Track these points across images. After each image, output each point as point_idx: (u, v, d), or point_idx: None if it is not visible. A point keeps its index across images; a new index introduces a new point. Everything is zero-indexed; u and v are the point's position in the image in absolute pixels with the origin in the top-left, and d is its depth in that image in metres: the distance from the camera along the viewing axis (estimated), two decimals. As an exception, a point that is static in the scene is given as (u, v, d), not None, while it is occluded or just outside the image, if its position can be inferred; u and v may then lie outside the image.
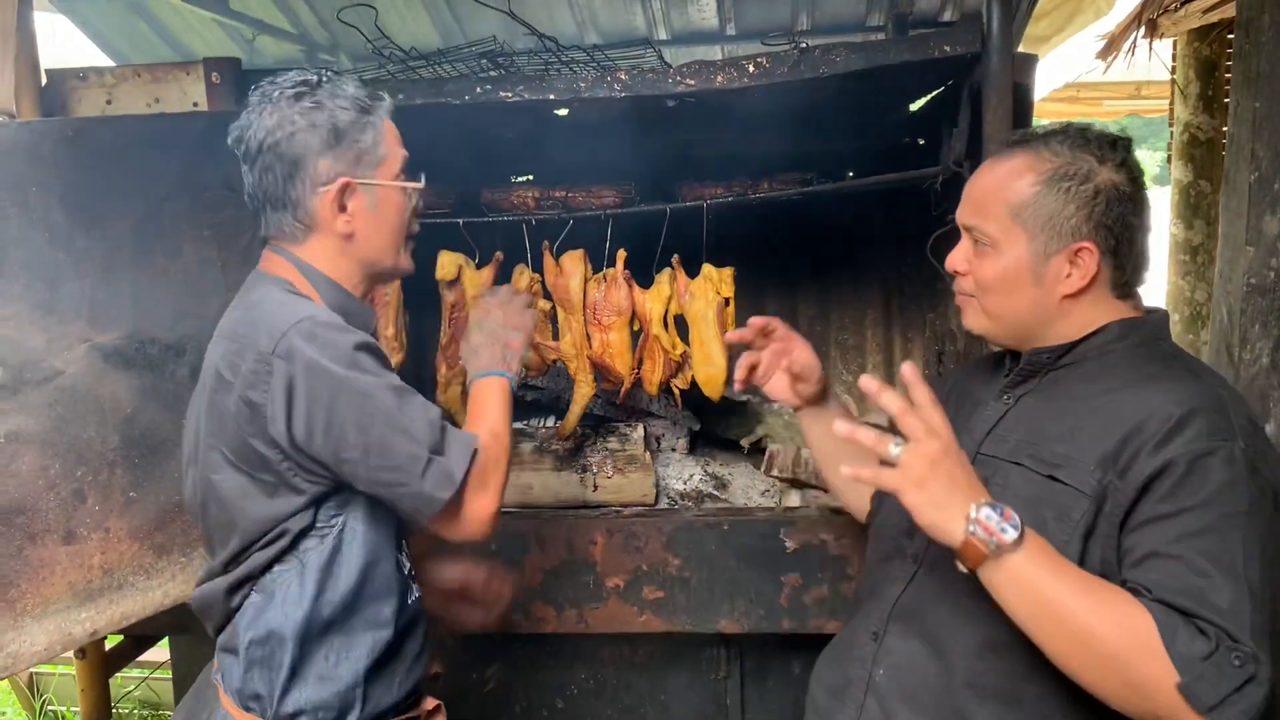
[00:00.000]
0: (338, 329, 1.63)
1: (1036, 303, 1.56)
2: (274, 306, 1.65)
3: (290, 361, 1.58)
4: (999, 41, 2.24)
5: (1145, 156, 29.67)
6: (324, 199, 1.71)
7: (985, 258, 1.57)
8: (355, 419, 1.59)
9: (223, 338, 1.70)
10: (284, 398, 1.58)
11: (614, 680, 2.92)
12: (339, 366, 1.59)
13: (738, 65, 2.36)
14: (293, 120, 1.68)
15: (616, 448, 2.88)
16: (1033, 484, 1.50)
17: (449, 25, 4.00)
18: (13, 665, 2.07)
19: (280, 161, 1.69)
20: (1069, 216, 1.51)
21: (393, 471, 1.62)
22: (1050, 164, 1.53)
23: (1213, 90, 5.27)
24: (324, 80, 1.73)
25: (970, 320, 1.65)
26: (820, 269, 3.66)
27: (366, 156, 1.73)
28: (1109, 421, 1.46)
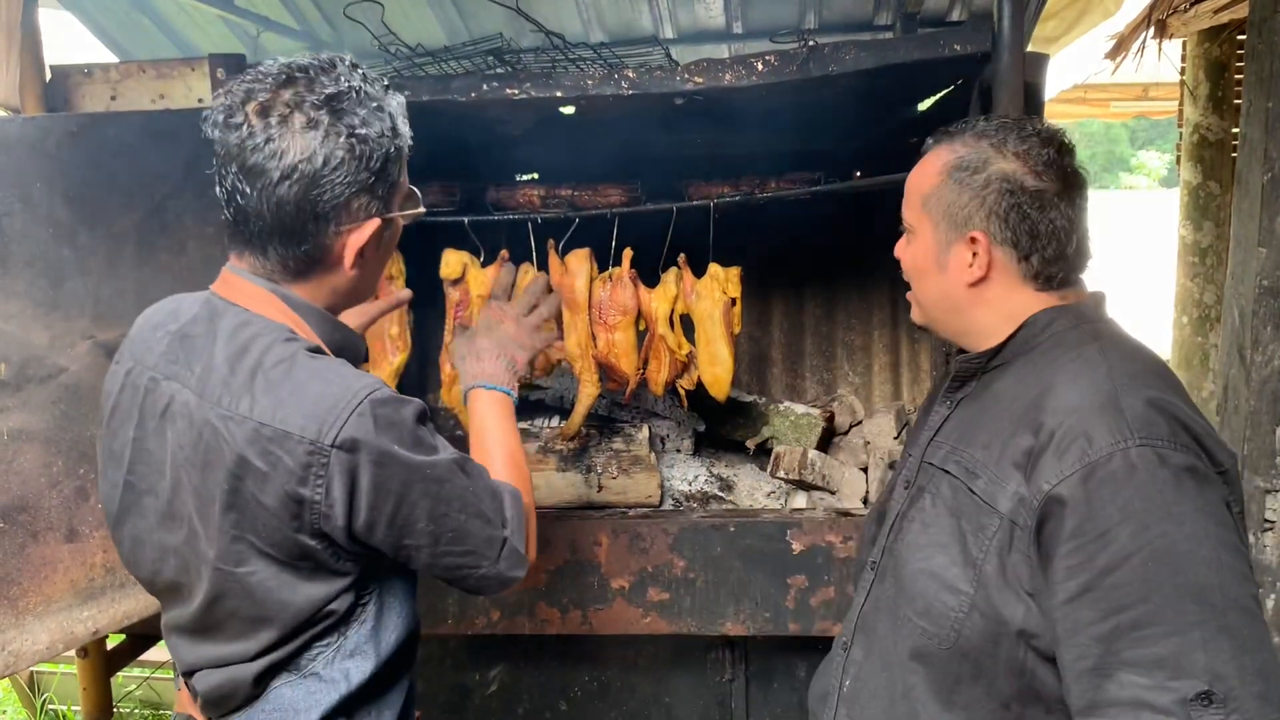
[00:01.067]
0: (395, 402, 1.44)
1: (945, 291, 1.57)
2: (318, 382, 1.42)
3: (353, 454, 1.39)
4: (1010, 40, 2.22)
5: (1153, 158, 29.70)
6: (347, 238, 1.48)
7: (909, 245, 1.63)
8: (429, 509, 1.46)
9: (234, 419, 1.41)
10: (345, 493, 1.40)
11: (618, 682, 2.90)
12: (407, 451, 1.43)
13: (746, 63, 2.35)
14: (336, 145, 1.41)
15: (621, 448, 2.86)
16: (958, 495, 1.49)
17: (454, 23, 3.98)
18: (15, 664, 2.06)
19: (307, 194, 1.42)
20: (962, 205, 1.52)
21: (465, 556, 1.53)
22: (954, 155, 1.54)
23: (1222, 91, 5.24)
24: (357, 83, 1.46)
25: (913, 313, 1.69)
26: (827, 269, 3.64)
27: (396, 190, 1.53)
28: (1020, 425, 1.42)
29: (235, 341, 1.45)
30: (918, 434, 1.73)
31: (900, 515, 1.62)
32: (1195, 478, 1.28)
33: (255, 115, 1.40)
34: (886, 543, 1.63)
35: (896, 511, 1.63)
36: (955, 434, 1.58)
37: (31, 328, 2.05)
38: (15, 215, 2.02)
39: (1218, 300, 5.25)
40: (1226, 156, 5.24)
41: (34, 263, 2.05)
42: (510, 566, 1.57)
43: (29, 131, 2.05)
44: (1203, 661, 1.20)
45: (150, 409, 1.50)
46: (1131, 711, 1.23)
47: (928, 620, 1.45)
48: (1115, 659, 1.25)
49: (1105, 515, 1.27)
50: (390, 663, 1.58)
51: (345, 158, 1.41)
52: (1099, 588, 1.26)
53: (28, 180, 2.03)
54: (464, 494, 1.50)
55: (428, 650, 2.95)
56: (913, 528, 1.56)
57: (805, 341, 3.73)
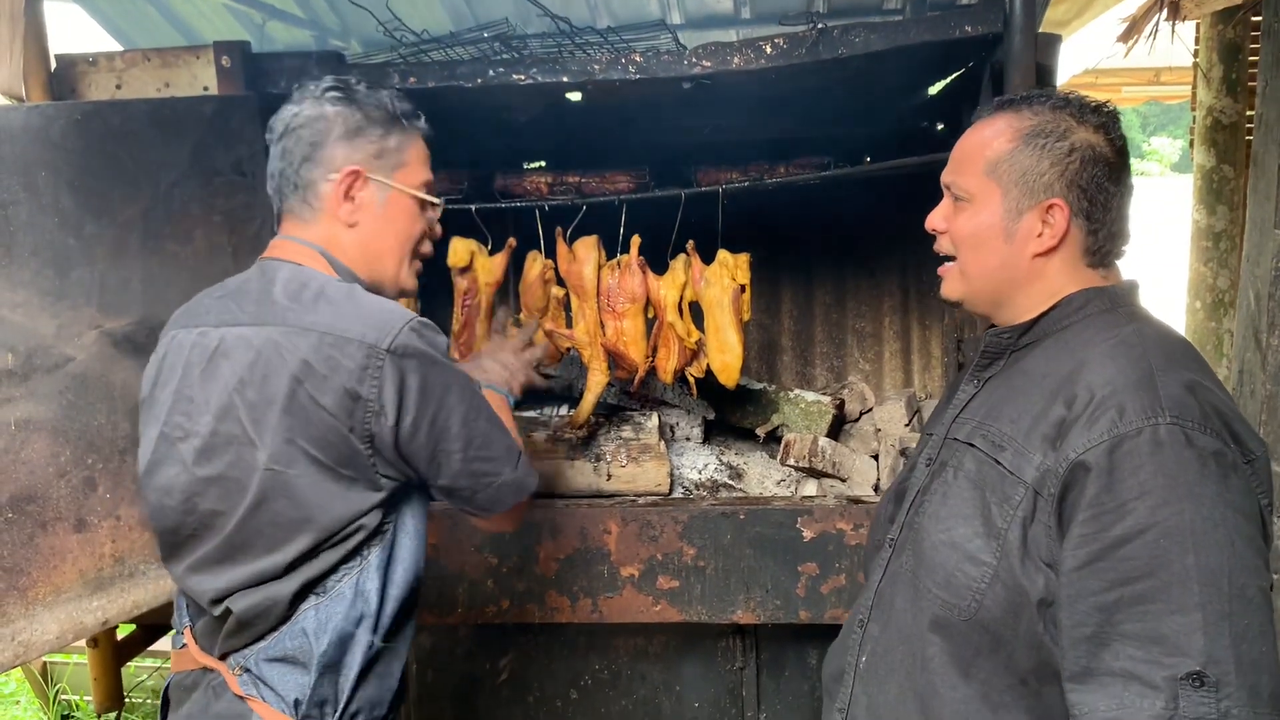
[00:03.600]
0: (435, 329, 1.68)
1: (1007, 262, 1.53)
2: (375, 303, 1.67)
3: (406, 358, 1.60)
4: (1022, 21, 2.20)
5: (1165, 143, 29.49)
6: (334, 184, 1.72)
7: (962, 213, 1.56)
8: (463, 413, 1.67)
9: (296, 331, 1.62)
10: (396, 392, 1.60)
11: (628, 670, 2.90)
12: (449, 363, 1.67)
13: (755, 46, 2.32)
14: (321, 108, 1.73)
15: (630, 436, 2.85)
16: (982, 468, 1.49)
17: (459, 9, 3.96)
18: (24, 654, 2.06)
19: (300, 144, 1.72)
20: (1042, 173, 1.49)
21: (489, 462, 1.73)
22: (1029, 122, 1.51)
23: (1236, 74, 5.18)
24: (365, 86, 1.78)
25: (947, 286, 1.63)
26: (837, 256, 3.62)
27: (387, 156, 1.76)
28: (1050, 399, 1.43)
29: (294, 282, 1.68)
30: (941, 412, 1.72)
31: (921, 490, 1.61)
32: (1220, 463, 1.28)
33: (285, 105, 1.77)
34: (906, 518, 1.62)
35: (917, 487, 1.62)
36: (982, 410, 1.57)
37: (38, 317, 2.04)
38: (20, 204, 2.01)
39: (1231, 285, 5.20)
40: (1240, 140, 5.18)
41: (40, 252, 2.04)
42: (526, 474, 1.79)
43: (33, 120, 2.04)
44: (1200, 644, 1.21)
45: (197, 358, 1.67)
46: (1121, 681, 1.24)
47: (948, 591, 1.45)
48: (1114, 629, 1.26)
49: (1125, 487, 1.28)
50: (412, 590, 1.75)
51: (329, 111, 1.72)
52: (1109, 558, 1.27)
53: (32, 169, 2.02)
54: (486, 407, 1.73)
55: (437, 639, 2.94)
56: (933, 500, 1.55)
57: (815, 328, 3.71)
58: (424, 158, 1.84)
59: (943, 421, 1.67)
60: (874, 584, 1.66)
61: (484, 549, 2.58)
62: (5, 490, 2.03)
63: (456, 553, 2.58)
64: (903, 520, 1.63)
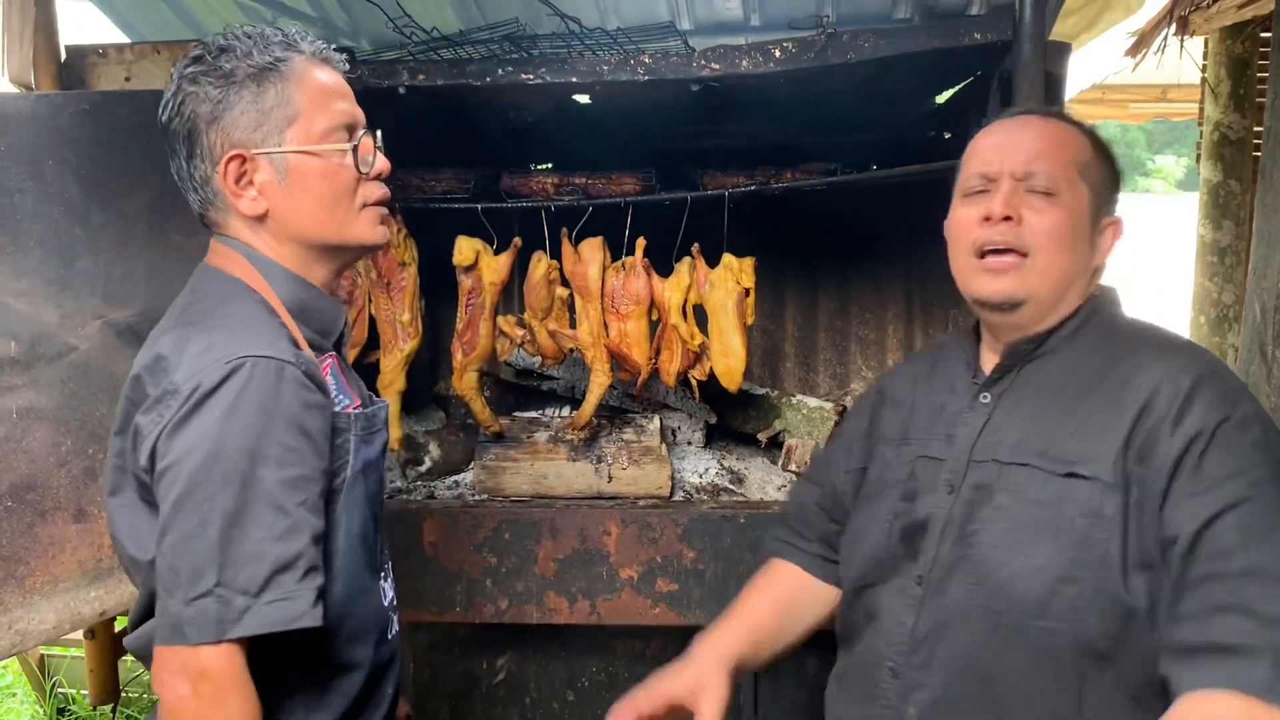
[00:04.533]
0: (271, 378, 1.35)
1: (1082, 267, 1.51)
2: (224, 335, 1.39)
3: (199, 402, 1.32)
4: (1031, 29, 2.20)
5: (1170, 161, 29.54)
6: (223, 176, 1.47)
7: (1053, 208, 1.47)
8: (180, 492, 1.30)
9: (148, 347, 1.46)
10: (166, 435, 1.33)
11: (625, 673, 2.89)
12: (247, 429, 1.32)
13: (763, 50, 2.33)
14: (183, 90, 1.47)
15: (632, 439, 2.85)
16: (1050, 485, 1.42)
17: (468, 9, 3.96)
18: (21, 643, 2.06)
19: (177, 139, 1.49)
20: (1112, 189, 1.53)
21: (171, 572, 1.30)
22: (1092, 138, 1.54)
23: (1244, 89, 5.19)
24: (236, 39, 1.49)
25: (1012, 284, 1.48)
26: (841, 262, 3.62)
27: (268, 120, 1.47)
28: (1113, 404, 1.42)
29: (189, 293, 1.52)
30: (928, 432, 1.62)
31: (961, 520, 1.50)
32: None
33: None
34: (940, 551, 1.50)
35: (944, 518, 1.52)
36: (1017, 426, 1.50)
37: (42, 306, 2.04)
38: (27, 193, 2.01)
39: (1236, 300, 5.20)
40: (1247, 155, 5.19)
41: (45, 241, 2.04)
42: (198, 623, 1.27)
43: (41, 108, 2.04)
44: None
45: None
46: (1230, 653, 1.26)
47: (1048, 618, 1.38)
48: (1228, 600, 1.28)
49: (1223, 464, 1.32)
50: (331, 636, 1.45)
51: (190, 92, 1.47)
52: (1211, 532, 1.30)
53: (40, 158, 2.03)
54: (225, 504, 1.29)
55: (434, 638, 2.94)
56: (992, 528, 1.46)
57: (818, 334, 3.71)
58: (321, 93, 1.51)
59: (953, 443, 1.57)
60: (899, 626, 1.53)
61: (482, 548, 2.57)
62: (5, 479, 2.03)
63: (455, 551, 2.58)
64: (934, 555, 1.51)
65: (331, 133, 1.51)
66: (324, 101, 1.50)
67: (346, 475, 1.48)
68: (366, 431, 1.53)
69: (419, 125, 2.90)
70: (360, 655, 1.51)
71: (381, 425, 1.59)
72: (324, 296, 1.58)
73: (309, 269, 1.55)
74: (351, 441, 1.49)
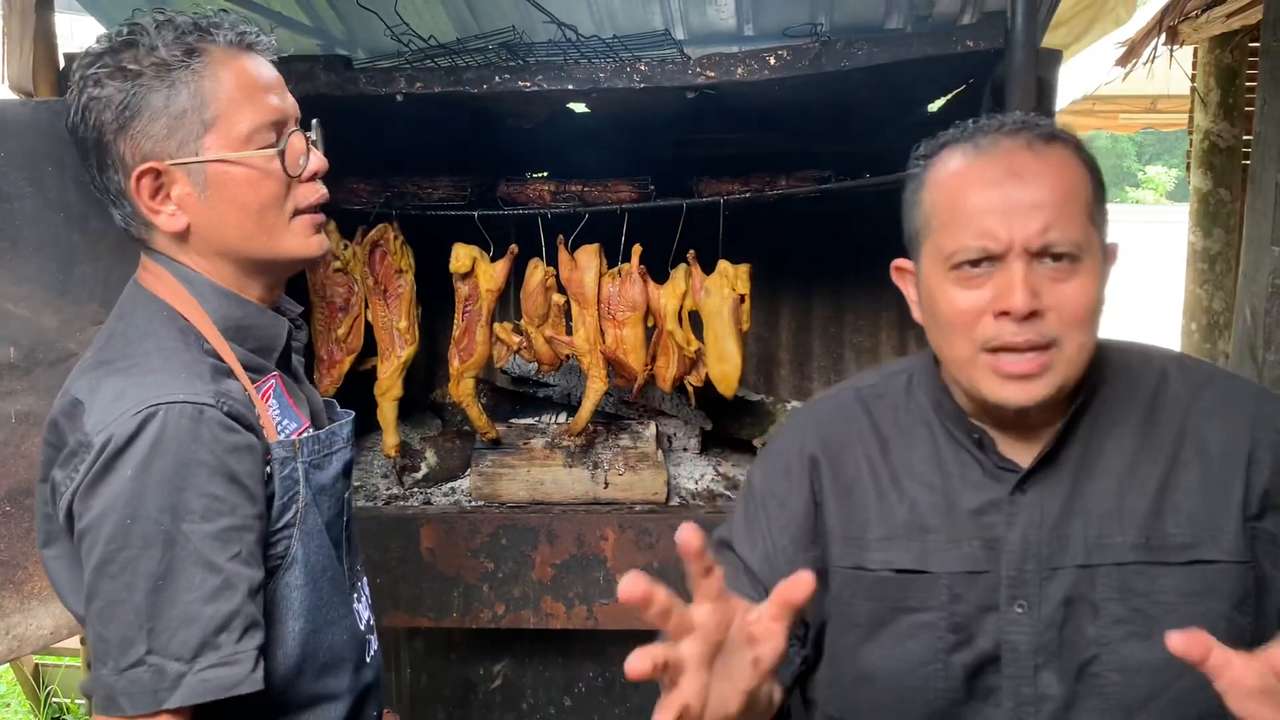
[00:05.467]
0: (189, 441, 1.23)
1: (1098, 330, 1.26)
2: (129, 372, 1.29)
3: (108, 459, 1.22)
4: (1023, 36, 2.22)
5: (1160, 171, 29.64)
6: (134, 186, 1.34)
7: (1075, 278, 1.21)
8: (103, 555, 1.21)
9: (65, 392, 1.34)
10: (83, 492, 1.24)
11: (622, 679, 2.89)
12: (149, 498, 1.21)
13: (759, 57, 2.35)
14: (86, 93, 1.31)
15: (628, 445, 2.86)
16: (1168, 578, 1.23)
17: (464, 18, 3.98)
18: (19, 648, 2.06)
19: (85, 148, 1.35)
20: (1106, 213, 1.28)
21: (100, 641, 1.21)
22: (1086, 156, 1.27)
23: (1233, 98, 5.25)
24: (144, 29, 1.32)
25: (1042, 389, 1.23)
26: (836, 270, 3.64)
27: (182, 126, 1.31)
28: (1199, 461, 1.26)
29: (113, 321, 1.40)
30: (952, 541, 1.31)
31: (1062, 646, 1.25)
32: None
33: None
34: (1039, 690, 1.25)
35: (1035, 647, 1.25)
36: (1086, 517, 1.27)
37: (41, 312, 2.05)
38: (27, 199, 2.01)
39: (1227, 307, 5.24)
40: (1237, 164, 5.24)
41: (44, 247, 2.05)
42: (130, 699, 1.18)
43: (41, 115, 2.05)
44: None
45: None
46: None
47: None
48: None
49: None
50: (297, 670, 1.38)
51: (96, 97, 1.31)
52: None
53: (39, 164, 2.03)
54: (159, 574, 1.20)
55: (431, 643, 2.94)
56: (1115, 651, 1.23)
57: (813, 342, 3.73)
58: (244, 89, 1.34)
59: (991, 550, 1.29)
60: None
61: (479, 554, 2.58)
62: (4, 483, 2.03)
63: (452, 557, 2.58)
64: (1033, 693, 1.25)
65: (256, 134, 1.36)
66: (247, 98, 1.34)
67: (299, 506, 1.38)
68: (319, 455, 1.43)
69: (416, 133, 2.92)
70: (338, 685, 1.44)
71: (342, 444, 1.49)
72: (262, 312, 1.45)
73: (243, 284, 1.42)
74: (300, 469, 1.39)
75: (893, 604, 1.32)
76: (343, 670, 1.45)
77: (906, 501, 1.34)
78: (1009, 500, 1.29)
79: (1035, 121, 1.29)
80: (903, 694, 1.30)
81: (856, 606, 1.35)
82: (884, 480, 1.37)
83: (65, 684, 4.13)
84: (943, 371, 1.36)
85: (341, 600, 1.46)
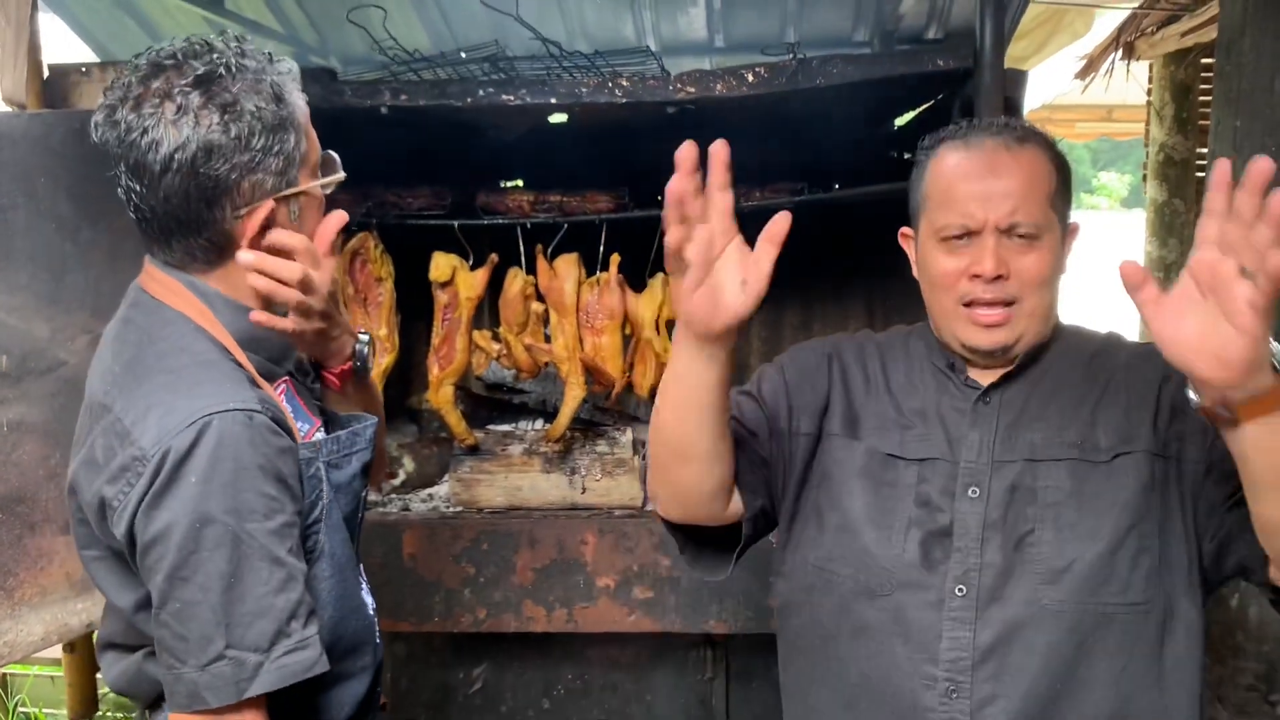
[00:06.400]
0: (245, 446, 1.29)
1: (1058, 289, 1.56)
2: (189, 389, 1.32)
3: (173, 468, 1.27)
4: (991, 57, 2.31)
5: (1114, 179, 30.17)
6: (245, 224, 1.38)
7: (1033, 252, 1.50)
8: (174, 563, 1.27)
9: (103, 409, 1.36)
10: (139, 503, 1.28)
11: (600, 680, 2.95)
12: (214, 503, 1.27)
13: (737, 74, 2.42)
14: (209, 128, 1.32)
15: (605, 451, 2.91)
16: (1096, 472, 1.50)
17: (440, 31, 4.02)
18: (9, 654, 2.08)
19: (196, 184, 1.34)
20: (1070, 201, 1.58)
21: (180, 640, 1.28)
22: (1055, 151, 1.57)
23: (1187, 112, 5.39)
24: (229, 58, 1.35)
25: (1005, 335, 1.52)
26: (805, 279, 3.70)
27: (292, 162, 1.41)
28: (1127, 389, 1.54)
29: (133, 334, 1.42)
30: (925, 437, 1.58)
31: (1004, 523, 1.50)
32: None
33: (130, 111, 1.33)
34: (984, 560, 1.49)
35: (981, 524, 1.51)
36: (1035, 426, 1.54)
37: (33, 321, 2.07)
38: (19, 209, 2.04)
39: (1182, 315, 5.38)
40: (1191, 175, 5.39)
41: (36, 257, 2.07)
42: (216, 687, 1.27)
43: (34, 127, 2.08)
44: None
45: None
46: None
47: (1130, 593, 1.45)
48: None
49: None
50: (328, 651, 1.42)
51: (222, 140, 1.33)
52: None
53: (32, 175, 2.06)
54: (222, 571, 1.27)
55: (412, 647, 2.98)
56: (1050, 525, 1.49)
57: (784, 348, 3.75)
58: (308, 123, 1.45)
59: (954, 446, 1.56)
60: (954, 641, 1.48)
61: (460, 559, 2.63)
62: (-4, 491, 2.05)
63: (434, 562, 2.63)
64: (977, 562, 1.50)
65: (325, 167, 1.48)
66: (310, 131, 1.45)
67: (323, 503, 1.45)
68: (338, 455, 1.50)
69: (397, 144, 2.96)
70: (359, 665, 1.54)
71: (364, 445, 1.55)
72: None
73: (259, 302, 1.45)
74: (322, 469, 1.46)
75: (873, 476, 1.60)
76: (363, 652, 1.55)
77: (894, 404, 1.64)
78: (972, 409, 1.59)
79: (1015, 124, 1.61)
80: (868, 547, 1.56)
81: (846, 467, 1.63)
82: (879, 387, 1.67)
83: (34, 694, 4.11)
84: (932, 327, 1.66)
85: (359, 588, 1.57)
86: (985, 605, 1.48)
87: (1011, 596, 1.48)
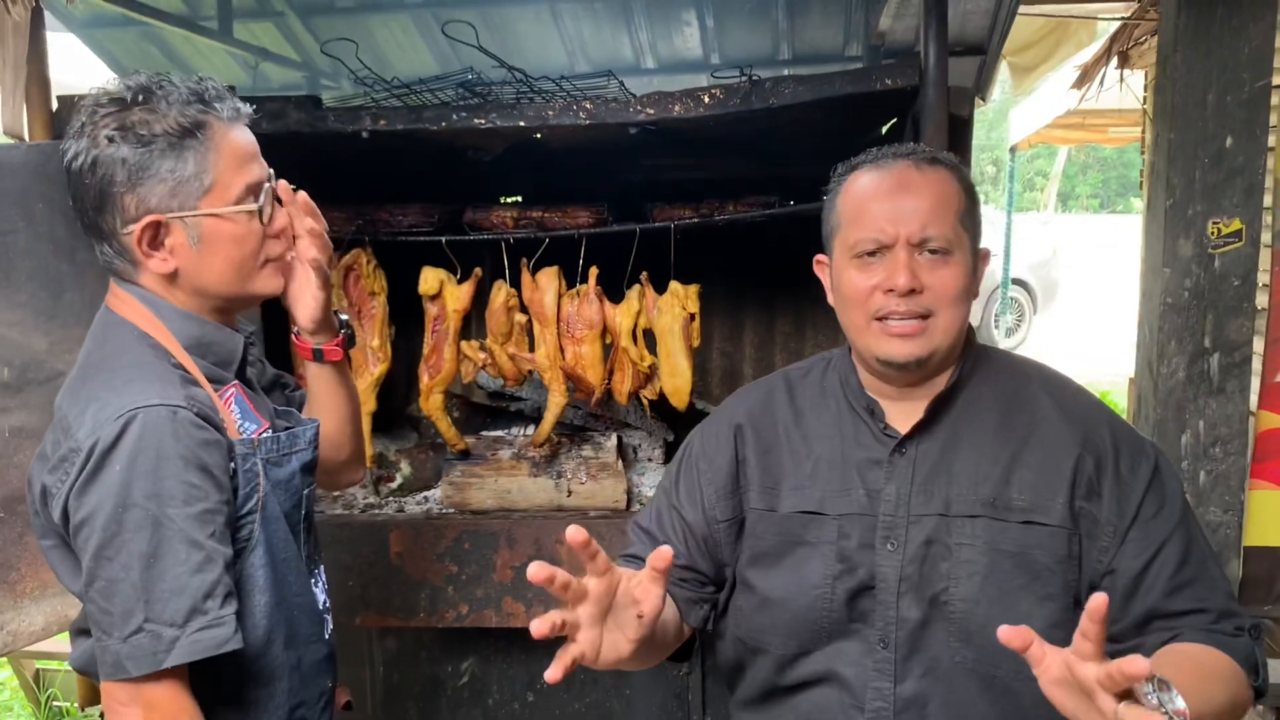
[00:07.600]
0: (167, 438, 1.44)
1: (970, 308, 1.58)
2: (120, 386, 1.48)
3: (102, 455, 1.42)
4: (935, 75, 2.39)
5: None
6: (135, 236, 1.53)
7: (945, 267, 1.53)
8: (100, 543, 1.42)
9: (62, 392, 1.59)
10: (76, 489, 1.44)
11: (581, 675, 3.06)
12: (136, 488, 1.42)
13: (694, 96, 2.52)
14: (99, 145, 1.50)
15: (590, 456, 3.02)
16: (1009, 533, 1.52)
17: (445, 55, 4.19)
18: (12, 643, 2.24)
19: (87, 192, 1.52)
20: (979, 222, 1.61)
21: (104, 615, 1.42)
22: (962, 175, 1.61)
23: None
24: (151, 91, 1.53)
25: (919, 346, 1.54)
26: (795, 288, 3.79)
27: (186, 187, 1.53)
28: (1041, 448, 1.56)
29: (89, 344, 1.62)
30: (844, 490, 1.62)
31: (920, 578, 1.54)
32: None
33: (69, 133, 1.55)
34: (900, 614, 1.55)
35: (899, 578, 1.55)
36: (950, 478, 1.57)
37: (32, 335, 2.23)
38: (19, 233, 2.21)
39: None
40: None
41: (35, 276, 2.24)
42: (134, 662, 1.39)
43: (32, 157, 2.24)
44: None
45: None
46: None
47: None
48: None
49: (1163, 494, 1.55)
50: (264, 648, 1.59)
51: (108, 153, 1.49)
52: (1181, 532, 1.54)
53: (30, 201, 2.22)
54: (141, 548, 1.41)
55: (402, 642, 3.12)
56: (965, 586, 1.52)
57: (775, 356, 3.88)
58: (237, 157, 1.57)
59: (872, 499, 1.59)
60: (877, 691, 1.55)
61: (444, 558, 2.75)
62: (-1, 492, 2.22)
63: (419, 560, 2.76)
64: (894, 616, 1.55)
65: (244, 196, 1.58)
66: (239, 166, 1.57)
67: (259, 496, 1.58)
68: (277, 454, 1.63)
69: (387, 164, 3.10)
70: (297, 656, 1.65)
71: (304, 446, 1.68)
72: (220, 329, 1.65)
73: (205, 311, 1.63)
74: (259, 465, 1.58)
75: (794, 538, 1.63)
76: (303, 642, 1.66)
77: (812, 458, 1.66)
78: (889, 460, 1.60)
79: (922, 149, 1.66)
80: (797, 613, 1.60)
81: (766, 540, 1.66)
82: (796, 442, 1.69)
83: (65, 688, 4.30)
84: (852, 353, 1.69)
85: (300, 580, 1.68)
86: (905, 658, 1.55)
87: (927, 650, 1.54)
